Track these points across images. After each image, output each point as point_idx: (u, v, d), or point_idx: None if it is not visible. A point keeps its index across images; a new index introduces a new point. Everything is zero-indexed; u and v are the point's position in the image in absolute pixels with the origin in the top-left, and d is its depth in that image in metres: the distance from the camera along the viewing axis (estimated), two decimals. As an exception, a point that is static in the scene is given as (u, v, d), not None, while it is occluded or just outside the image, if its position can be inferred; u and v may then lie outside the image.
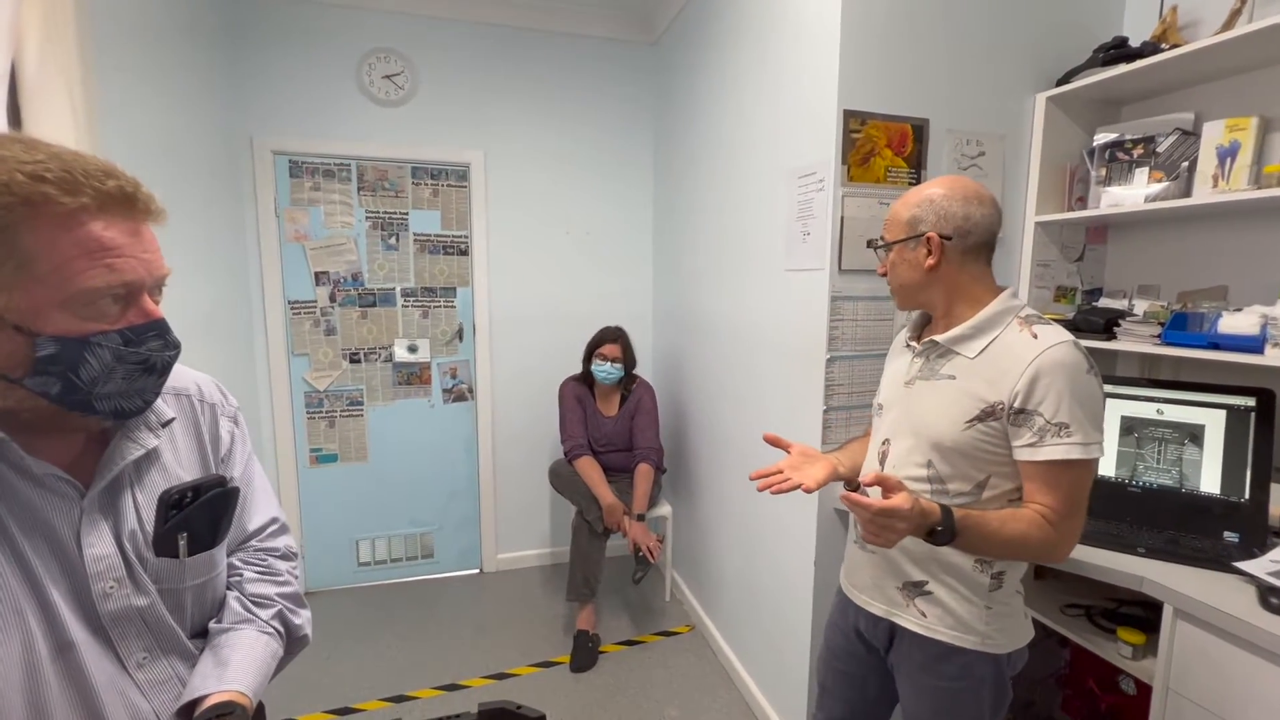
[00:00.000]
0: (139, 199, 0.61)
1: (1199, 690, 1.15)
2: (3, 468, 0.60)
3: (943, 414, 1.08)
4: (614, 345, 2.63)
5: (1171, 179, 1.53)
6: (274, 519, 0.88)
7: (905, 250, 1.12)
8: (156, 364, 0.65)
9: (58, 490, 0.63)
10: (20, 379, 0.58)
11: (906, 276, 1.13)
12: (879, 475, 0.95)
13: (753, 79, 2.05)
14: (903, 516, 0.91)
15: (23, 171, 0.54)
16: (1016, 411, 1.00)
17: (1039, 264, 1.80)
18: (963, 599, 1.10)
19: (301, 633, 0.84)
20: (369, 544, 3.02)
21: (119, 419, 0.66)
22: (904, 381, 1.17)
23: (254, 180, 2.64)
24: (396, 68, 2.73)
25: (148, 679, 0.68)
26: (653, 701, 2.20)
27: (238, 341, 2.56)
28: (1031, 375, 0.98)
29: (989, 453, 1.04)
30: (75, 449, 0.67)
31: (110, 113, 1.54)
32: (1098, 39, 1.71)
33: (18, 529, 0.61)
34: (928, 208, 1.09)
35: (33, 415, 0.61)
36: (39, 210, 0.55)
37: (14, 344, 0.56)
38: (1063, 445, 0.97)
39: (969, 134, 1.70)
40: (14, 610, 0.59)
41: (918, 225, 1.09)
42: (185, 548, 0.71)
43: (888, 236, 1.15)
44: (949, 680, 1.12)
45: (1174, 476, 1.48)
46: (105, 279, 0.58)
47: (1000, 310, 1.07)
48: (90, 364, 0.59)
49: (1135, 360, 1.75)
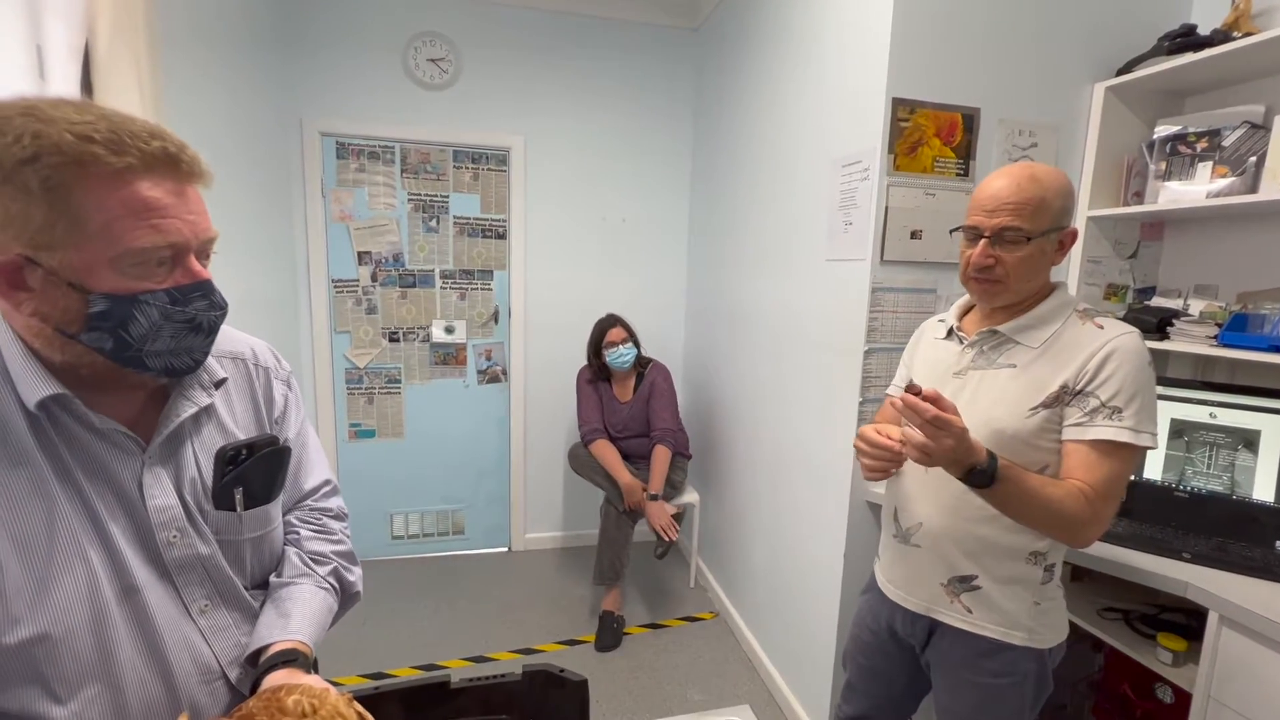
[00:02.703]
0: (183, 160, 0.62)
1: (1242, 700, 1.12)
2: (68, 421, 0.64)
3: (1004, 401, 1.05)
4: (618, 329, 2.63)
5: (1237, 174, 1.46)
6: (327, 480, 0.92)
7: (1046, 244, 1.03)
8: (203, 324, 0.67)
9: (120, 444, 0.67)
10: (76, 334, 0.60)
11: (1037, 269, 1.05)
12: (936, 394, 0.91)
13: (797, 65, 2.02)
14: (954, 433, 0.89)
15: (72, 132, 0.56)
16: (1077, 393, 0.99)
17: (1090, 260, 1.75)
18: (1013, 594, 1.08)
19: (355, 589, 0.88)
20: (403, 518, 3.11)
21: (171, 376, 0.68)
22: (953, 372, 1.14)
23: (302, 161, 2.71)
24: (441, 51, 2.77)
25: (209, 625, 0.72)
26: (675, 684, 2.23)
27: (284, 317, 2.65)
28: (1102, 358, 0.98)
29: (1050, 440, 1.03)
30: (135, 407, 0.70)
31: (173, 91, 1.60)
32: (1162, 27, 1.64)
33: (84, 477, 0.64)
34: (1070, 199, 1.05)
35: (92, 372, 0.63)
36: (88, 170, 0.57)
37: (69, 300, 0.59)
38: (1113, 427, 0.96)
39: (1021, 124, 1.65)
40: (77, 552, 0.62)
41: (1063, 217, 1.04)
42: (241, 501, 0.75)
43: (1030, 226, 1.01)
44: (992, 676, 1.10)
45: (1225, 482, 1.43)
46: (151, 239, 0.60)
47: (1061, 303, 1.07)
48: (139, 321, 0.61)
49: (1188, 362, 1.69)
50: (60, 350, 0.62)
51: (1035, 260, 1.04)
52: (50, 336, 0.61)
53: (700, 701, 2.14)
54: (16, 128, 0.54)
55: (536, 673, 0.75)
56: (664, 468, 2.56)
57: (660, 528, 2.42)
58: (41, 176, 0.55)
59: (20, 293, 0.59)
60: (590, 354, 2.71)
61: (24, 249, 0.57)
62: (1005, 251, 1.03)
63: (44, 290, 0.58)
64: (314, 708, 0.59)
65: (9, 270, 0.57)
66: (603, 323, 2.68)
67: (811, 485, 1.93)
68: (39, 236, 0.56)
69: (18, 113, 0.55)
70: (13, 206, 0.55)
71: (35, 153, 0.55)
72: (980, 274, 1.06)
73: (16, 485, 0.60)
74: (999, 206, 1.03)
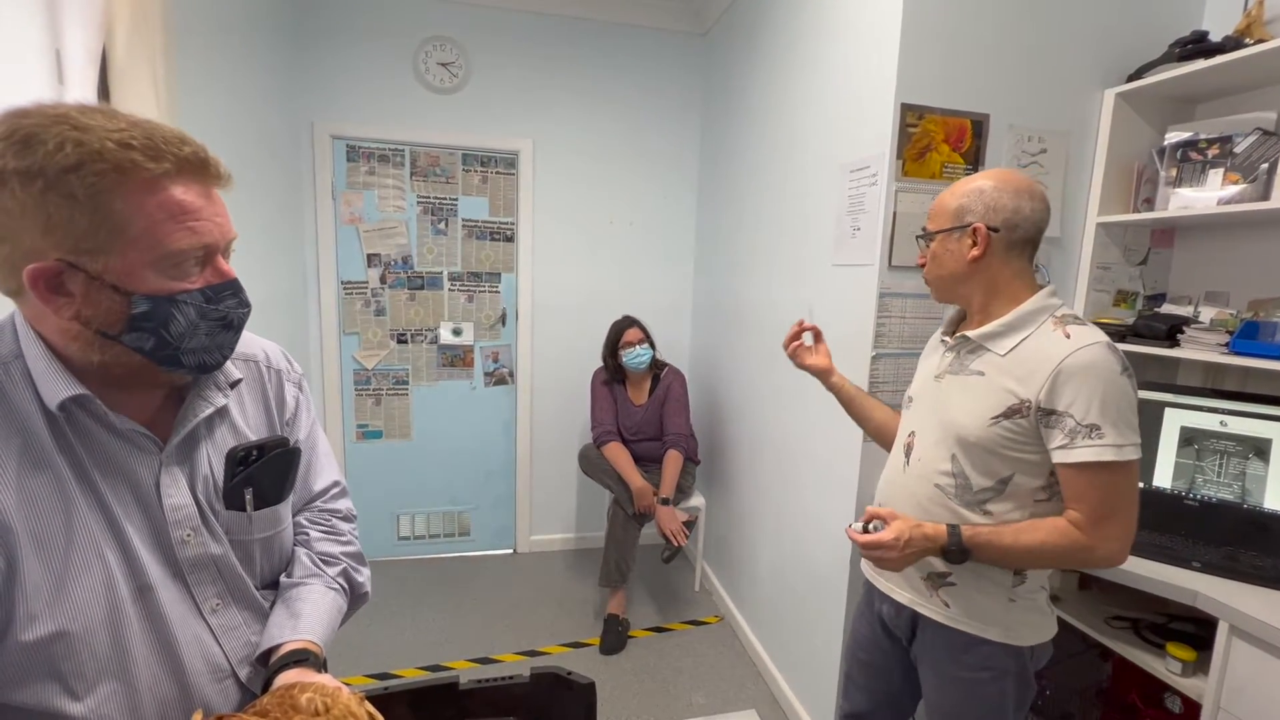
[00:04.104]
0: (210, 164, 0.64)
1: (1252, 711, 1.11)
2: (88, 421, 0.65)
3: (968, 409, 1.07)
4: (634, 329, 2.65)
5: (1249, 181, 1.46)
6: (336, 482, 0.93)
7: (949, 240, 1.10)
8: (233, 320, 0.69)
9: (139, 444, 0.68)
10: (118, 335, 0.62)
11: (948, 267, 1.11)
12: (873, 510, 1.06)
13: (805, 70, 2.03)
14: (889, 547, 1.01)
15: (112, 139, 0.57)
16: (1045, 412, 0.99)
17: (1099, 266, 1.74)
18: (985, 590, 1.10)
19: (363, 590, 0.88)
20: (409, 519, 3.12)
21: (203, 373, 0.70)
22: (934, 376, 1.17)
23: (313, 163, 2.74)
24: (452, 55, 2.79)
25: (220, 624, 0.73)
26: (679, 687, 2.22)
27: (293, 318, 2.67)
28: (1058, 374, 0.97)
29: (1012, 450, 1.03)
30: (152, 407, 0.71)
31: (187, 95, 1.62)
32: (1173, 33, 1.64)
33: (101, 477, 0.65)
34: (976, 198, 1.07)
35: (124, 371, 0.65)
36: (128, 176, 0.58)
37: (112, 302, 0.60)
38: (1094, 447, 0.95)
39: (1031, 130, 1.65)
40: (95, 551, 0.63)
41: (964, 215, 1.07)
42: (251, 502, 0.76)
43: (931, 226, 1.13)
44: (971, 671, 1.11)
45: (1235, 491, 1.42)
46: (189, 240, 0.62)
47: (1036, 309, 1.06)
48: (178, 320, 0.63)
49: (1198, 369, 1.68)
50: (100, 351, 0.63)
51: (939, 257, 1.12)
52: (90, 339, 0.62)
53: (704, 705, 2.14)
54: (56, 135, 0.55)
55: (544, 675, 0.76)
56: (676, 472, 2.57)
57: (671, 532, 2.43)
58: (86, 184, 0.56)
59: (59, 297, 0.59)
60: (606, 355, 2.72)
61: (65, 255, 0.58)
62: (924, 251, 1.16)
63: (86, 294, 0.60)
64: (326, 706, 0.60)
65: (49, 275, 0.58)
66: (620, 324, 2.69)
67: (818, 489, 1.93)
68: (83, 242, 0.57)
69: (52, 120, 0.56)
70: (56, 214, 0.56)
71: (79, 160, 0.56)
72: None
73: (38, 486, 0.61)
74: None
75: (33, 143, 0.55)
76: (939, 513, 1.10)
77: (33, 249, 0.57)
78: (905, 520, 1.02)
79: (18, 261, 0.57)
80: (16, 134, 0.55)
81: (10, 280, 0.59)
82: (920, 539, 1.01)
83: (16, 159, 0.55)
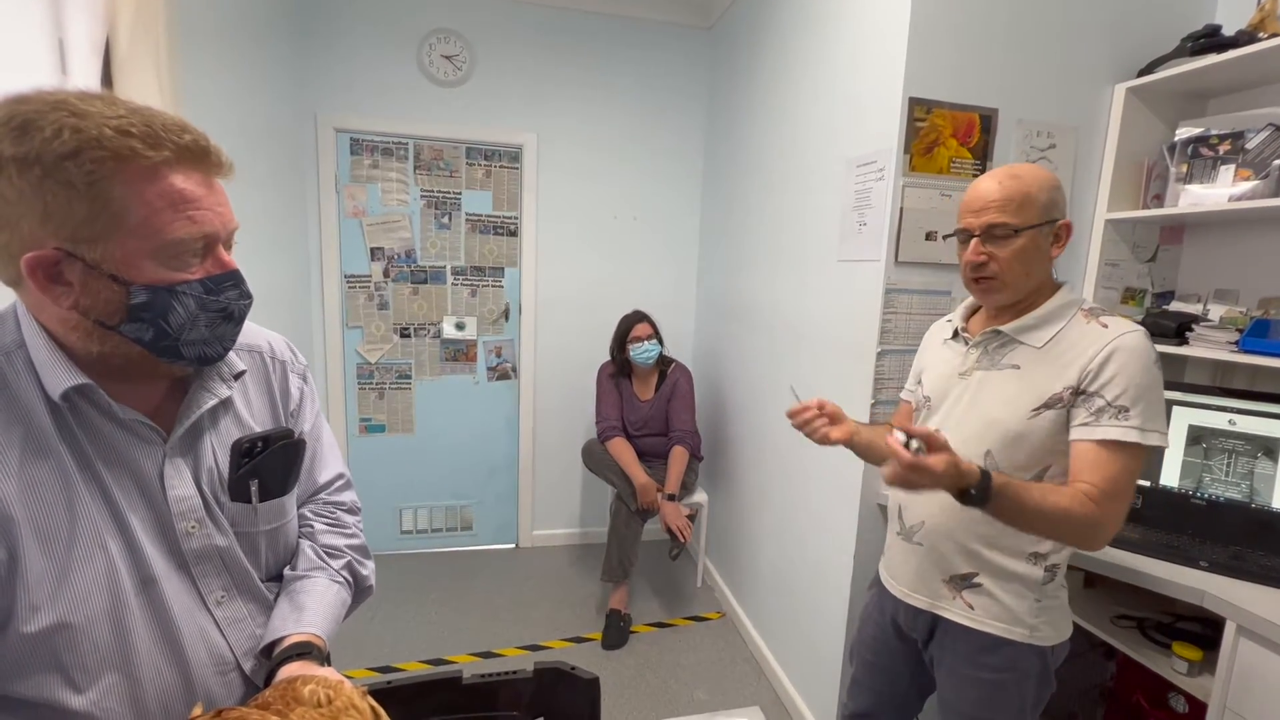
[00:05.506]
0: (211, 153, 0.63)
1: (1258, 711, 1.11)
2: (92, 412, 0.64)
3: (1007, 402, 1.06)
4: (644, 324, 2.65)
5: (1260, 177, 1.44)
6: (340, 474, 0.92)
7: (1039, 236, 1.03)
8: (234, 312, 0.68)
9: (142, 435, 0.67)
10: (117, 325, 0.61)
11: (1033, 266, 1.05)
12: (929, 433, 0.91)
13: (812, 65, 2.01)
14: (932, 476, 0.89)
15: (110, 126, 0.56)
16: (1081, 394, 0.99)
17: (1108, 263, 1.73)
18: (1013, 591, 1.09)
19: (368, 583, 0.88)
20: (411, 513, 3.12)
21: (202, 364, 0.69)
22: (959, 372, 1.15)
23: (317, 156, 2.73)
24: (456, 48, 2.78)
25: (224, 616, 0.73)
26: (681, 683, 2.22)
27: (297, 311, 2.67)
28: (1104, 357, 0.97)
29: (1052, 441, 1.03)
30: (156, 398, 0.70)
31: (190, 86, 1.61)
32: (1185, 27, 1.62)
33: (104, 468, 0.64)
34: (1057, 193, 1.05)
35: (124, 361, 0.64)
36: (127, 164, 0.57)
37: (110, 292, 0.60)
38: (1119, 427, 0.95)
39: (1040, 125, 1.64)
40: (98, 543, 0.62)
41: (1053, 210, 1.04)
42: (257, 494, 0.75)
43: (1018, 221, 1.02)
44: (993, 672, 1.10)
45: (1243, 490, 1.41)
46: (188, 230, 0.61)
47: (1065, 302, 1.07)
48: (178, 311, 0.62)
49: (1207, 368, 1.67)
50: (99, 342, 0.62)
51: (1028, 254, 1.04)
52: (89, 329, 0.61)
53: (706, 701, 2.14)
54: (54, 122, 0.55)
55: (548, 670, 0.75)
56: (682, 469, 2.57)
57: (676, 528, 2.43)
58: (85, 171, 0.55)
59: (58, 286, 0.59)
60: (614, 348, 2.72)
61: (63, 243, 0.57)
62: (996, 248, 1.04)
63: (84, 283, 0.59)
64: (329, 698, 0.59)
65: (47, 264, 0.57)
66: (629, 318, 2.69)
67: (821, 486, 1.92)
68: (80, 230, 0.57)
69: (50, 106, 0.55)
70: (54, 201, 0.55)
71: (77, 147, 0.55)
72: (976, 273, 1.07)
73: (40, 476, 0.60)
74: (985, 206, 1.04)
75: (30, 129, 0.54)
76: (969, 511, 1.04)
77: (30, 237, 0.56)
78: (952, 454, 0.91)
79: (16, 250, 0.57)
80: (14, 120, 0.55)
81: (9, 269, 0.58)
82: (954, 472, 0.91)
83: (14, 145, 0.54)
